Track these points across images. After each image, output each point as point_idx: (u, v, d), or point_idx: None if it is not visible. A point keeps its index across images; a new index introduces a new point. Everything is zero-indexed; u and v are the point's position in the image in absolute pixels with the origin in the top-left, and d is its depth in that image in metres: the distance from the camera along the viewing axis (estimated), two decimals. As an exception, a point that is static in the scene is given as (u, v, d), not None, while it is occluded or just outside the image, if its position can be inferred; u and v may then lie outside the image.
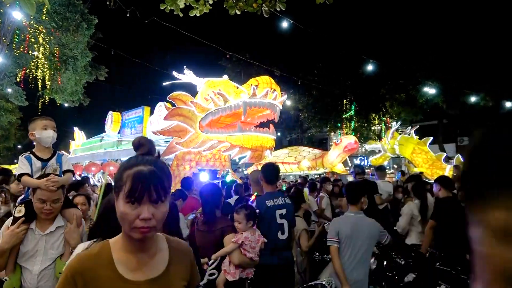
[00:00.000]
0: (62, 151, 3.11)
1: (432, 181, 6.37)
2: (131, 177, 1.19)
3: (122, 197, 1.19)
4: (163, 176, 1.23)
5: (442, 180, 5.01)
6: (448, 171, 15.45)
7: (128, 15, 9.13)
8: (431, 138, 18.19)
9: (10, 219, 2.52)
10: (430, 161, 16.61)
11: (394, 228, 5.87)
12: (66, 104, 17.51)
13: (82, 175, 14.82)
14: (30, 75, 13.93)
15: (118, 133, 19.00)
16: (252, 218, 3.22)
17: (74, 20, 13.79)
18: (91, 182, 13.46)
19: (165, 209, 1.25)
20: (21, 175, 2.60)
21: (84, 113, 28.53)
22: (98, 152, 17.84)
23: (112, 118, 19.11)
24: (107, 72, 17.98)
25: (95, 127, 24.58)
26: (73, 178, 3.70)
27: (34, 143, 2.81)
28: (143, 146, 1.43)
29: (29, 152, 2.77)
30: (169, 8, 5.47)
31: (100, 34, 17.01)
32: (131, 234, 1.21)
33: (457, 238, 4.54)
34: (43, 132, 2.73)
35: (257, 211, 3.45)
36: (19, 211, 2.47)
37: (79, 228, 2.59)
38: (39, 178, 2.55)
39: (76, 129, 21.86)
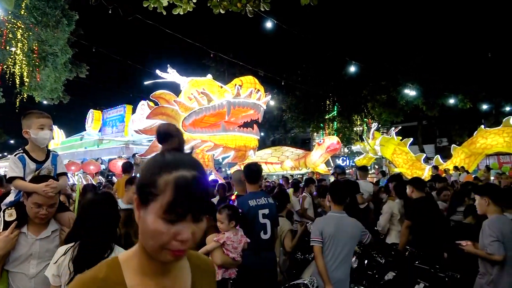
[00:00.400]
0: (55, 151, 2.93)
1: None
2: (173, 186, 0.89)
3: (156, 211, 0.90)
4: (207, 184, 0.97)
5: (414, 182, 5.23)
6: (427, 171, 15.80)
7: (110, 12, 8.99)
8: (411, 139, 18.59)
9: None
10: (410, 162, 16.95)
11: (375, 228, 5.98)
12: (45, 102, 17.08)
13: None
14: (8, 72, 13.55)
15: (99, 131, 18.70)
16: (235, 218, 3.20)
17: (54, 16, 13.47)
18: (71, 181, 13.20)
19: (205, 226, 0.98)
20: (13, 178, 2.39)
21: (63, 111, 27.88)
22: (78, 151, 17.52)
23: (93, 117, 18.79)
24: (88, 69, 17.63)
25: (75, 125, 24.09)
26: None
27: (28, 140, 2.55)
28: (172, 137, 1.08)
29: (22, 151, 2.51)
30: (152, 6, 5.41)
31: (81, 30, 16.65)
32: (160, 256, 0.93)
33: (432, 236, 4.69)
34: (40, 133, 2.49)
35: (239, 210, 3.44)
36: (10, 215, 2.32)
37: None
38: (36, 181, 2.35)
39: (55, 127, 21.39)
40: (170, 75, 9.54)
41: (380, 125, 19.11)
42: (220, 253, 3.10)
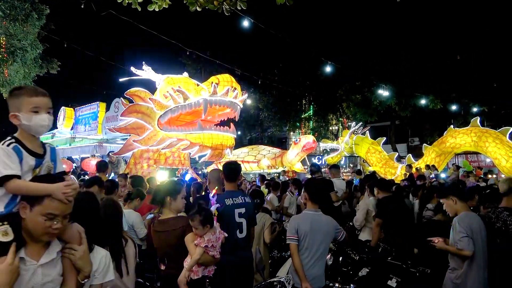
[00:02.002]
0: (49, 143, 2.13)
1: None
2: None
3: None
4: None
5: (378, 183, 5.53)
6: (400, 169, 16.22)
7: (82, 6, 8.74)
8: (384, 138, 19.04)
9: None
10: (384, 160, 17.37)
11: (351, 223, 6.12)
12: (13, 98, 16.47)
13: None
14: (-27, 66, 13.01)
15: (71, 129, 18.19)
16: (209, 222, 3.13)
17: (23, 9, 12.99)
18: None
19: None
20: (8, 177, 1.68)
21: (33, 108, 26.93)
22: (49, 149, 16.94)
23: (65, 114, 18.25)
24: (59, 65, 17.07)
25: (45, 123, 23.27)
26: None
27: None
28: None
29: (14, 140, 1.79)
30: (127, 1, 5.31)
31: (52, 25, 16.11)
32: None
33: (401, 233, 4.86)
34: (34, 118, 1.79)
35: (218, 205, 3.42)
36: (5, 233, 1.65)
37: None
38: (42, 182, 1.76)
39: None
40: (145, 72, 9.38)
41: (361, 125, 19.43)
42: (201, 252, 3.08)
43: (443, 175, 13.65)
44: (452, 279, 3.56)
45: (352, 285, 4.06)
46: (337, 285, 3.93)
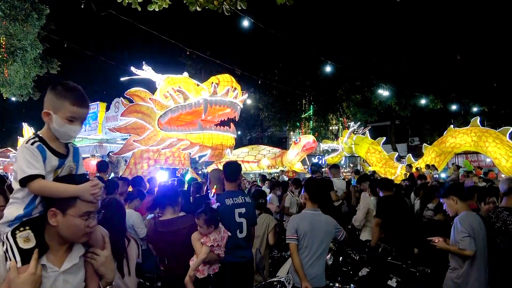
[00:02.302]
0: (72, 142, 1.95)
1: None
2: None
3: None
4: None
5: (380, 183, 5.50)
6: (399, 169, 16.22)
7: (82, 6, 8.74)
8: (384, 138, 19.05)
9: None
10: (383, 160, 17.37)
11: (349, 226, 6.12)
12: (13, 98, 16.47)
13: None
14: (-27, 66, 13.01)
15: (71, 129, 18.17)
16: (213, 222, 3.18)
17: (23, 9, 12.99)
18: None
19: None
20: (33, 177, 1.59)
21: (34, 108, 26.88)
22: (49, 149, 16.94)
23: (65, 114, 18.23)
24: (59, 65, 17.08)
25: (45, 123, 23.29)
26: None
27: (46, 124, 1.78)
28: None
29: (38, 139, 1.71)
30: (127, 1, 5.32)
31: (52, 25, 16.11)
32: None
33: (402, 232, 4.86)
34: (67, 126, 1.71)
35: (218, 205, 3.45)
36: (27, 239, 1.56)
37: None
38: (63, 181, 1.69)
39: (25, 124, 20.64)
40: (145, 72, 9.37)
41: (360, 125, 19.46)
42: (207, 251, 3.12)
43: (443, 175, 13.64)
44: (453, 279, 3.56)
45: (352, 285, 4.07)
46: (337, 285, 3.94)
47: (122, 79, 9.89)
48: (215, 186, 3.93)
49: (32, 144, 1.67)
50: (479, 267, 3.47)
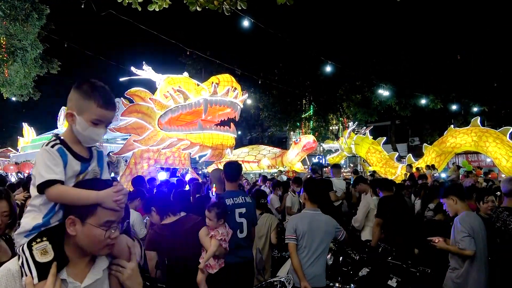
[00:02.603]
0: (96, 146, 1.75)
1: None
2: None
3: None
4: None
5: (380, 183, 5.51)
6: (400, 169, 16.22)
7: (82, 6, 8.75)
8: (385, 138, 19.04)
9: (14, 267, 1.42)
10: (384, 160, 17.36)
11: (349, 227, 6.11)
12: (14, 98, 16.45)
13: (30, 173, 14.02)
14: (-27, 66, 13.01)
15: (72, 129, 18.17)
16: (223, 216, 3.29)
17: (24, 9, 12.98)
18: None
19: None
20: (52, 182, 1.44)
21: (34, 108, 26.95)
22: (49, 149, 16.94)
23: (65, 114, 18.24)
24: (60, 65, 17.08)
25: (46, 123, 23.34)
26: None
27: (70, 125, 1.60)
28: None
29: (59, 142, 1.56)
30: (127, 1, 5.32)
31: (52, 25, 16.11)
32: None
33: (402, 232, 4.86)
34: (91, 129, 1.56)
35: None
36: (44, 252, 1.40)
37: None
38: (86, 188, 1.51)
39: (25, 125, 20.66)
40: (146, 72, 9.37)
41: (361, 125, 19.50)
42: (217, 244, 3.20)
43: (443, 175, 13.64)
44: (453, 279, 3.57)
45: (352, 285, 4.07)
46: (337, 285, 3.94)
47: (122, 79, 9.90)
48: (214, 185, 3.96)
49: (52, 146, 1.52)
50: (479, 267, 3.47)
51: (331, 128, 29.01)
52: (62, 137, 1.58)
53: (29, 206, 1.50)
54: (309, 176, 7.58)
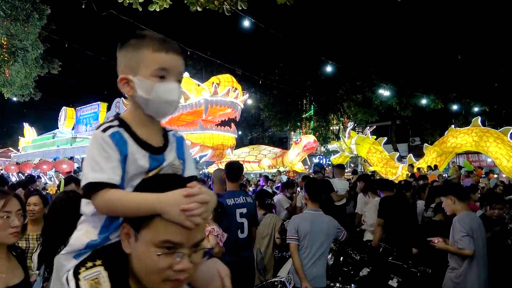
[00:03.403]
0: (174, 130, 1.26)
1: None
2: None
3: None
4: None
5: (380, 184, 5.52)
6: (400, 169, 16.21)
7: (83, 6, 8.76)
8: (385, 138, 19.04)
9: None
10: (384, 160, 17.36)
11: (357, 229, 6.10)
12: (14, 98, 16.48)
13: (30, 173, 14.06)
14: (-26, 67, 13.03)
15: (72, 129, 18.22)
16: (216, 210, 3.22)
17: (24, 10, 13.00)
18: (43, 180, 12.80)
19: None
20: (99, 185, 1.02)
21: (35, 108, 26.99)
22: (50, 149, 17.01)
23: (66, 114, 18.29)
24: (60, 65, 17.11)
25: (47, 123, 23.34)
26: None
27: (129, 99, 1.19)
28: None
29: (117, 123, 1.12)
30: (128, 2, 5.32)
31: (53, 25, 16.14)
32: None
33: (403, 233, 4.86)
34: (158, 87, 1.10)
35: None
36: (97, 283, 0.97)
37: None
38: (152, 187, 0.99)
39: (26, 125, 20.71)
40: (146, 72, 9.39)
41: (356, 124, 19.52)
42: (215, 240, 3.16)
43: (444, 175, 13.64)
44: (452, 279, 3.57)
45: (353, 285, 4.06)
46: (338, 285, 3.93)
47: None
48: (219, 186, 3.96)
49: (104, 131, 1.07)
50: (479, 267, 3.48)
51: (331, 128, 28.99)
52: (123, 117, 1.15)
53: (83, 215, 1.12)
54: (311, 175, 7.57)
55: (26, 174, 14.06)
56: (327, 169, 15.40)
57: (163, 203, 0.92)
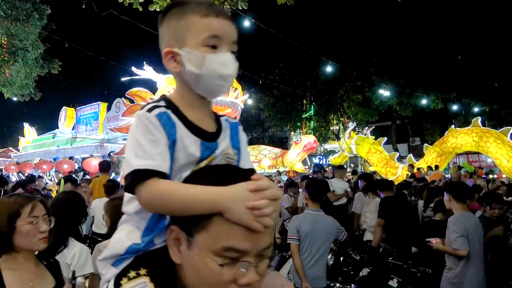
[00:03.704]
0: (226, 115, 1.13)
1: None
2: None
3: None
4: None
5: (380, 184, 5.53)
6: (400, 169, 16.21)
7: (83, 6, 8.76)
8: (385, 138, 19.04)
9: None
10: (384, 160, 17.36)
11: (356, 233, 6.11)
12: (15, 98, 16.50)
13: (31, 173, 14.07)
14: (-26, 66, 13.05)
15: (72, 129, 18.22)
16: None
17: (25, 9, 13.01)
18: (45, 180, 12.79)
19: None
20: (144, 174, 0.84)
21: (35, 108, 27.02)
22: (50, 149, 17.00)
23: (66, 114, 18.28)
24: (60, 65, 17.12)
25: (47, 123, 23.38)
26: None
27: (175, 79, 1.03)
28: None
29: (164, 104, 0.96)
30: (128, 2, 5.33)
31: (53, 25, 16.15)
32: None
33: (401, 232, 4.87)
34: (209, 58, 0.93)
35: None
36: None
37: None
38: (206, 179, 0.82)
39: (26, 125, 20.72)
40: (146, 72, 9.39)
41: (356, 125, 19.54)
42: None
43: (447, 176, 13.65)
44: (449, 279, 3.58)
45: (353, 285, 4.07)
46: (338, 285, 3.94)
47: (123, 79, 9.93)
48: None
49: (149, 111, 0.91)
50: (475, 267, 3.48)
51: (331, 128, 29.00)
52: (170, 98, 0.99)
53: (125, 213, 0.96)
54: (310, 176, 7.56)
55: (26, 174, 14.07)
56: (327, 169, 15.41)
57: (227, 198, 0.74)
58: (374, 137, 18.64)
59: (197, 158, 0.92)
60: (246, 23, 11.25)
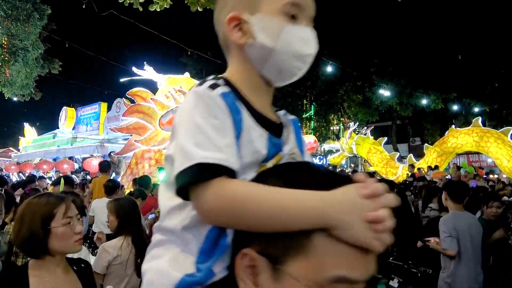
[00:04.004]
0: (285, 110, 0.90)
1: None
2: None
3: None
4: None
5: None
6: (401, 170, 16.21)
7: (84, 6, 8.76)
8: (386, 138, 19.04)
9: None
10: (385, 160, 17.36)
11: None
12: (15, 99, 16.51)
13: (32, 173, 14.07)
14: (-26, 67, 13.05)
15: (73, 129, 18.25)
16: None
17: (25, 10, 13.02)
18: (47, 181, 12.78)
19: None
20: (213, 170, 0.61)
21: (35, 108, 27.06)
22: (51, 149, 17.02)
23: (66, 114, 18.32)
24: (61, 65, 17.13)
25: (47, 123, 23.41)
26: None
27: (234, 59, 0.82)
28: None
29: (225, 83, 0.73)
30: (128, 2, 5.32)
31: (53, 25, 16.15)
32: None
33: (401, 232, 4.86)
34: (289, 30, 0.74)
35: None
36: None
37: None
38: (287, 181, 0.60)
39: (26, 125, 20.74)
40: (147, 72, 9.39)
41: (357, 124, 19.54)
42: None
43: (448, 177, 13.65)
44: (444, 278, 3.59)
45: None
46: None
47: (123, 79, 9.93)
48: None
49: (212, 87, 0.71)
50: (466, 267, 3.47)
51: (332, 128, 29.00)
52: (229, 78, 0.78)
53: (158, 231, 0.74)
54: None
55: (26, 174, 14.08)
56: (327, 169, 15.40)
57: (337, 207, 0.54)
58: (373, 137, 18.64)
59: (263, 157, 0.72)
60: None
